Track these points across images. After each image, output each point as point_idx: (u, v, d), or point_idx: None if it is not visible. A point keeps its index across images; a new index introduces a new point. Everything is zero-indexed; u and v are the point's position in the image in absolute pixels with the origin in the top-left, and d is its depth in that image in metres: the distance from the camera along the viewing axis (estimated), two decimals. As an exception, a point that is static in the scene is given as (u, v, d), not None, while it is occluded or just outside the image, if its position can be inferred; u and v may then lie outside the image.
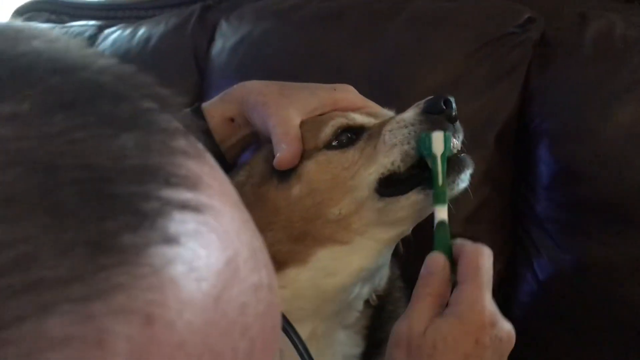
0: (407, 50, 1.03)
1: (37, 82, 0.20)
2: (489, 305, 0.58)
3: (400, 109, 0.74)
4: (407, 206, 0.66)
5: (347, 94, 0.77)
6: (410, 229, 0.71)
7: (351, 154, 0.69)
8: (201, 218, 0.21)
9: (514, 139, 1.00)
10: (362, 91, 0.79)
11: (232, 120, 0.75)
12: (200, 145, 0.24)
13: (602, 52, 0.96)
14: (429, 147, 0.64)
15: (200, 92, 1.19)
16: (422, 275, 0.62)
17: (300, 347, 0.47)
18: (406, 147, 0.66)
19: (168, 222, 0.20)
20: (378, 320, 0.75)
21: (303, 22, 1.13)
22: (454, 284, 0.61)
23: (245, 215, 0.24)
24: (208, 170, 0.23)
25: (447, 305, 0.60)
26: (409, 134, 0.67)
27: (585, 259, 0.92)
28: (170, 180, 0.21)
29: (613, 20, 0.99)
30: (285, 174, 0.69)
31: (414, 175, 0.67)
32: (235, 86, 0.78)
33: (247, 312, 0.22)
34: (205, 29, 1.27)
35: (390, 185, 0.67)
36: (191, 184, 0.21)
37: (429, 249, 0.66)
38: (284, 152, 0.68)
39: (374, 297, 0.74)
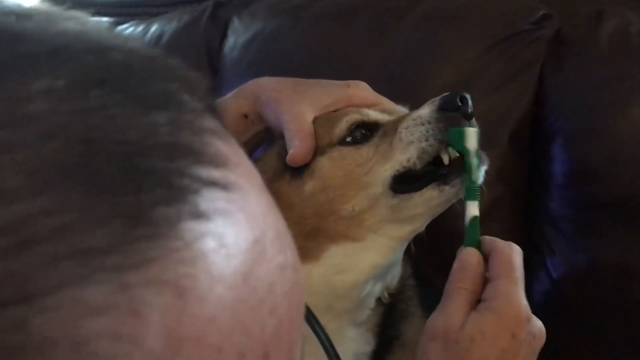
0: (420, 48, 1.03)
1: (72, 60, 0.21)
2: (524, 300, 0.59)
3: (413, 106, 0.73)
4: (421, 203, 0.66)
5: (361, 90, 0.76)
6: (424, 227, 0.71)
7: (365, 150, 0.68)
8: (230, 196, 0.21)
9: (527, 137, 0.99)
10: (375, 88, 0.79)
11: (245, 116, 0.75)
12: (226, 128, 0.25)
13: (617, 50, 0.95)
14: (461, 142, 0.64)
15: (212, 89, 1.19)
16: (455, 270, 0.62)
17: (322, 335, 0.47)
18: (423, 144, 0.65)
19: (199, 199, 0.20)
20: (389, 319, 0.75)
21: (315, 19, 1.12)
22: (485, 279, 0.61)
23: (269, 198, 0.25)
24: (235, 151, 0.24)
25: (480, 300, 0.60)
26: (427, 131, 0.66)
27: (599, 258, 0.91)
28: (200, 158, 0.21)
29: (629, 17, 0.98)
30: (298, 170, 0.69)
31: (430, 172, 0.66)
32: (249, 82, 0.78)
33: (275, 291, 0.22)
34: (217, 25, 1.28)
35: (404, 182, 0.66)
36: (220, 162, 0.22)
37: (442, 247, 0.65)
38: (297, 148, 0.68)
39: (386, 295, 0.74)
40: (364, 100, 0.75)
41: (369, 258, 0.68)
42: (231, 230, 0.21)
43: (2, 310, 0.16)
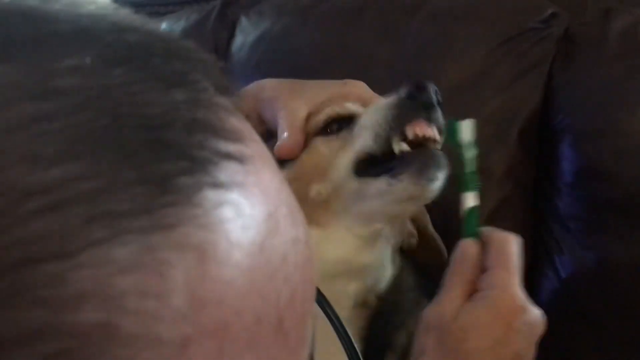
0: (429, 46, 1.03)
1: (96, 40, 0.22)
2: (520, 290, 0.58)
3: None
4: (376, 197, 0.66)
5: (356, 88, 0.77)
6: (386, 228, 0.70)
7: (335, 140, 0.70)
8: (246, 170, 0.23)
9: (536, 136, 0.99)
10: (384, 87, 0.79)
11: (247, 117, 0.76)
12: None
13: (626, 48, 0.95)
14: (454, 134, 0.64)
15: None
16: (453, 261, 0.62)
17: (332, 315, 0.47)
18: (377, 129, 0.66)
19: (218, 170, 0.21)
20: (384, 329, 0.74)
21: (324, 17, 1.13)
22: (482, 270, 0.61)
23: (281, 177, 0.26)
24: (248, 129, 0.25)
25: (476, 290, 0.59)
26: (381, 117, 0.67)
27: (608, 256, 0.91)
28: (218, 132, 0.22)
29: (638, 16, 0.97)
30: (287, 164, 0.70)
31: (385, 162, 0.66)
32: (251, 84, 0.79)
33: (288, 262, 0.23)
34: (225, 25, 1.28)
35: (365, 167, 0.67)
36: (236, 138, 0.23)
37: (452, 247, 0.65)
38: (283, 140, 0.69)
39: (373, 298, 0.73)
40: (359, 98, 0.75)
41: (333, 251, 0.68)
42: (247, 202, 0.22)
43: (43, 264, 0.18)
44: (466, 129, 0.64)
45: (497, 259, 0.59)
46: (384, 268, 0.74)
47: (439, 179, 0.66)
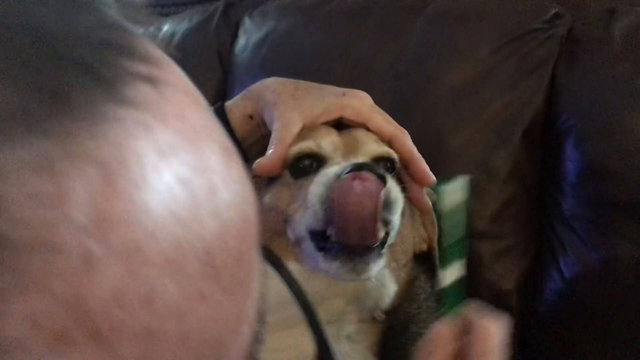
0: (433, 47, 1.03)
1: None
2: None
3: (425, 106, 0.74)
4: (323, 267, 0.63)
5: (355, 100, 0.73)
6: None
7: (298, 190, 0.66)
8: (159, 92, 0.21)
9: (540, 136, 0.99)
10: (387, 88, 0.79)
11: (250, 117, 0.75)
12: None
13: (630, 48, 0.94)
14: (439, 201, 0.57)
15: (224, 89, 1.20)
16: (426, 343, 0.55)
17: (284, 274, 0.44)
18: (317, 207, 0.62)
19: (126, 88, 0.20)
20: (400, 339, 0.71)
21: (328, 18, 1.13)
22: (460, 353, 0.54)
23: (214, 119, 0.24)
24: (167, 58, 0.24)
25: None
26: (320, 199, 0.62)
27: (612, 256, 0.91)
28: (128, 53, 0.21)
29: (641, 15, 0.97)
30: (270, 180, 0.68)
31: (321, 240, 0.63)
32: (256, 83, 0.77)
33: (218, 196, 0.22)
34: (228, 25, 1.28)
35: (316, 236, 0.64)
36: (148, 60, 0.22)
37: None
38: (265, 157, 0.67)
39: (379, 313, 0.71)
40: (356, 112, 0.72)
41: (319, 284, 0.66)
42: (161, 126, 0.21)
43: None
44: (453, 193, 0.58)
45: (477, 350, 0.52)
46: (382, 287, 0.71)
47: (369, 269, 0.62)
